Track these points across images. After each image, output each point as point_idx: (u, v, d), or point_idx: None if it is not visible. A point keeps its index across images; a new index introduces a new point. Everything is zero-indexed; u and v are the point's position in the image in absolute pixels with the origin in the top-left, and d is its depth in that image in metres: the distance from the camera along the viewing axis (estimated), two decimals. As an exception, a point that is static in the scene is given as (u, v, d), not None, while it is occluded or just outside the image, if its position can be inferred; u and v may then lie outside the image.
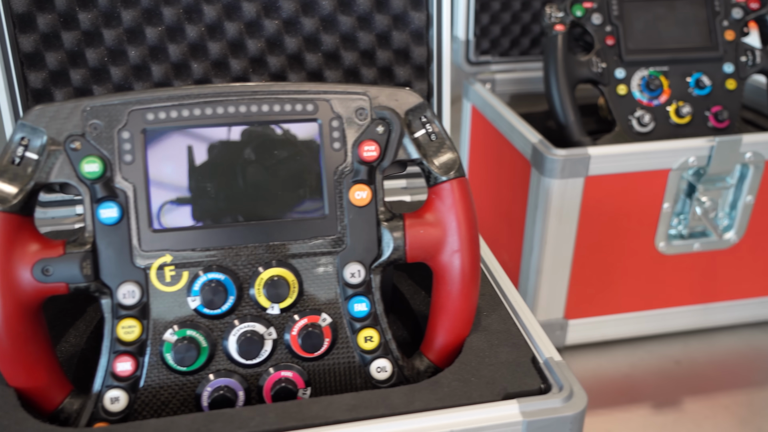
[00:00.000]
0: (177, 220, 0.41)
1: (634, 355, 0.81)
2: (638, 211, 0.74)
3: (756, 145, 0.73)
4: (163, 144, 0.41)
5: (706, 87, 0.79)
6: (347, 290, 0.43)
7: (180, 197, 0.41)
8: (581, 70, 0.78)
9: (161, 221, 0.41)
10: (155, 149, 0.41)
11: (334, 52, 0.63)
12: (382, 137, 0.43)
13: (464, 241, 0.43)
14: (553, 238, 0.73)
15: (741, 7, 0.81)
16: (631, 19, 0.80)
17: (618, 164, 0.71)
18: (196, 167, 0.41)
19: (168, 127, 0.41)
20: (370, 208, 0.43)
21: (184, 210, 0.41)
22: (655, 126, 0.79)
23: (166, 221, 0.41)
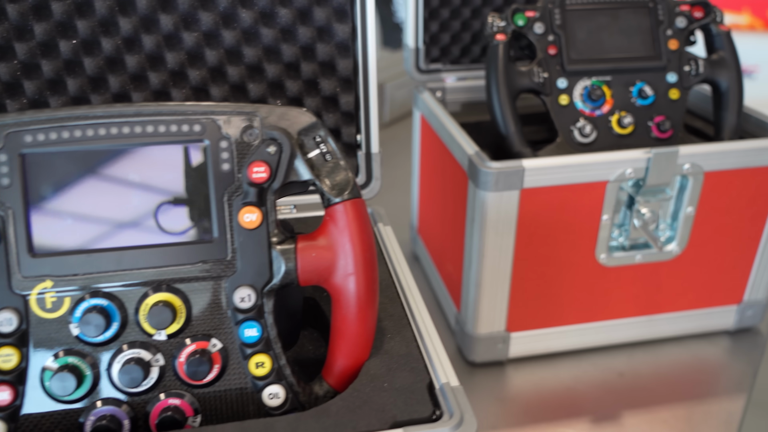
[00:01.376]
0: (58, 244, 0.40)
1: (578, 368, 0.80)
2: (577, 223, 0.73)
3: (694, 157, 0.72)
4: (42, 167, 0.40)
5: (649, 97, 0.79)
6: (237, 315, 0.42)
7: (61, 221, 0.40)
8: (522, 80, 0.78)
9: (41, 246, 0.40)
10: (34, 172, 0.40)
11: (257, 65, 0.62)
12: (273, 158, 0.42)
13: (359, 264, 0.42)
14: (491, 251, 0.72)
15: (685, 16, 0.80)
16: (573, 29, 0.79)
17: (553, 176, 0.70)
18: (77, 190, 0.40)
19: (47, 149, 0.40)
20: (261, 231, 0.42)
21: (65, 234, 0.40)
22: (597, 136, 0.78)
23: (47, 246, 0.40)
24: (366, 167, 0.65)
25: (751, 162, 0.74)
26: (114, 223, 0.41)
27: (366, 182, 0.66)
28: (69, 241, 0.40)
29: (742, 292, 0.83)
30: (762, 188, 0.76)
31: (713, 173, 0.73)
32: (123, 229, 0.41)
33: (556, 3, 0.79)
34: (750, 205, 0.77)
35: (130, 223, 0.41)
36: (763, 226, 0.78)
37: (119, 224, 0.41)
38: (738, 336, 0.85)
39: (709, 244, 0.78)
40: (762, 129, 0.81)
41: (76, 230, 0.40)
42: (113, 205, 0.41)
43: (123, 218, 0.41)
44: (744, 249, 0.80)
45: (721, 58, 0.80)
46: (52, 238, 0.40)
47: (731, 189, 0.75)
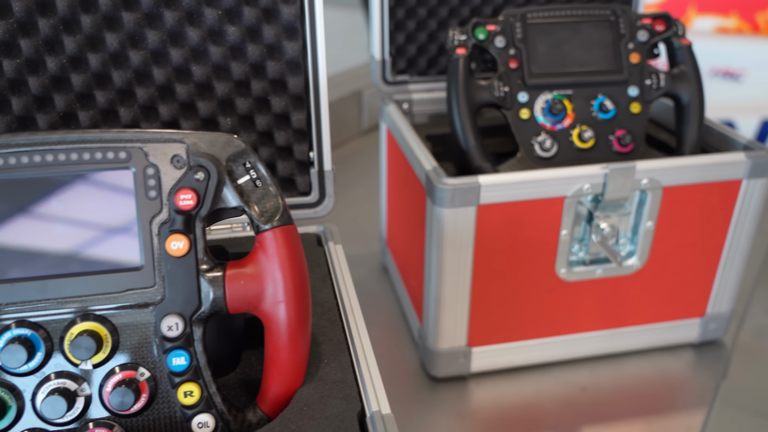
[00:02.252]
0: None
1: (540, 382, 0.80)
2: (536, 238, 0.73)
3: (651, 172, 0.72)
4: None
5: (610, 111, 0.78)
6: (165, 344, 0.42)
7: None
8: (482, 94, 0.77)
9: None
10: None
11: (206, 83, 0.61)
12: (200, 185, 0.41)
13: (288, 291, 0.42)
14: (449, 266, 0.72)
15: (647, 30, 0.80)
16: (534, 42, 0.79)
17: (510, 192, 0.70)
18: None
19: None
20: (189, 259, 0.42)
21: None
22: (557, 150, 0.78)
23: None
24: (319, 185, 0.65)
25: (709, 177, 0.73)
26: (38, 252, 0.40)
27: (319, 200, 0.65)
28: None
29: (704, 306, 0.83)
30: (722, 202, 0.76)
31: (672, 188, 0.73)
32: (47, 257, 0.40)
33: (517, 17, 0.79)
34: (710, 219, 0.77)
35: (55, 252, 0.40)
36: (724, 240, 0.78)
37: (43, 253, 0.40)
38: (702, 349, 0.85)
39: (671, 258, 0.78)
40: (724, 143, 0.81)
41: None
42: (37, 234, 0.40)
43: (47, 246, 0.40)
44: (705, 262, 0.80)
45: (683, 72, 0.79)
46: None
47: (691, 203, 0.75)
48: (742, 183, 0.75)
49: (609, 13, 0.80)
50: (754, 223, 0.78)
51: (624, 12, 0.80)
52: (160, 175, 0.41)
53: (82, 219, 0.41)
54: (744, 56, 3.19)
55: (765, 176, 0.75)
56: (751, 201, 0.76)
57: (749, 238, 0.78)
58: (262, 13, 0.60)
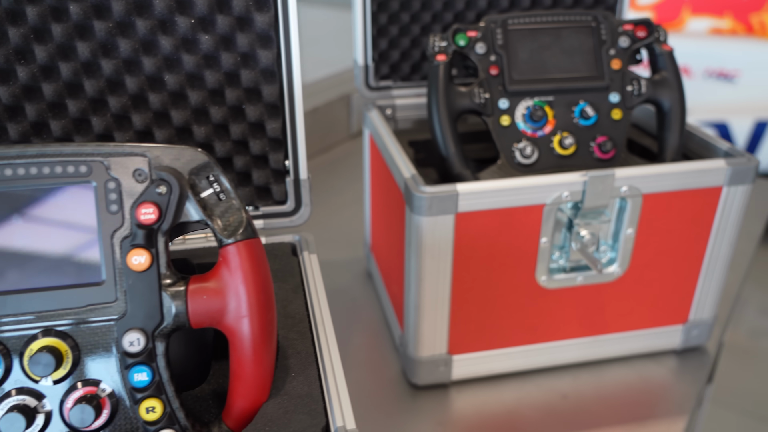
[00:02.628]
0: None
1: (521, 390, 0.80)
2: (516, 246, 0.73)
3: (631, 179, 0.71)
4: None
5: (591, 117, 0.78)
6: (127, 359, 0.41)
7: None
8: (462, 101, 0.77)
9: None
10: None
11: (179, 92, 0.61)
12: (162, 199, 0.41)
13: (252, 306, 0.42)
14: (428, 274, 0.72)
15: (628, 36, 0.80)
16: (515, 49, 0.78)
17: (488, 200, 0.69)
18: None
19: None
20: (151, 273, 0.41)
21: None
22: (538, 157, 0.78)
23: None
24: (295, 193, 0.64)
25: (689, 184, 0.73)
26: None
27: (295, 209, 0.65)
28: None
29: (687, 312, 0.82)
30: (703, 209, 0.75)
31: (652, 195, 0.73)
32: (7, 272, 0.40)
33: (498, 23, 0.78)
34: (691, 226, 0.76)
35: (15, 266, 0.40)
36: (705, 246, 0.78)
37: (3, 268, 0.40)
38: (685, 355, 0.85)
39: (652, 265, 0.78)
40: (705, 149, 0.81)
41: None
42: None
43: (7, 261, 0.40)
44: (687, 269, 0.79)
45: (664, 79, 0.79)
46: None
47: (671, 210, 0.75)
48: (723, 190, 0.74)
49: (590, 19, 0.80)
50: (735, 230, 0.77)
51: (605, 18, 0.80)
52: (122, 189, 0.41)
53: (42, 233, 0.40)
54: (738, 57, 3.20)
55: (745, 183, 0.74)
56: (731, 208, 0.76)
57: (730, 244, 0.78)
58: (236, 21, 0.60)
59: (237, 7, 0.59)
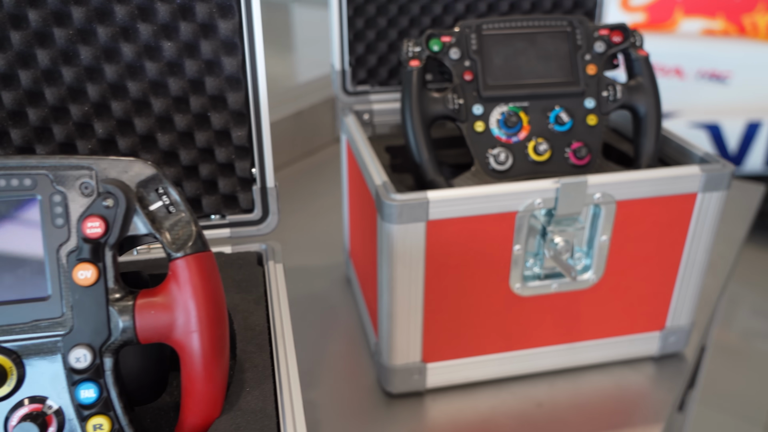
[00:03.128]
0: None
1: (497, 398, 0.79)
2: (489, 253, 0.72)
3: (604, 186, 0.71)
4: None
5: (566, 123, 0.77)
6: (73, 375, 0.41)
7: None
8: (436, 107, 0.76)
9: None
10: None
11: (142, 100, 0.60)
12: (110, 212, 0.40)
13: (202, 321, 0.41)
14: (400, 282, 0.71)
15: (604, 41, 0.79)
16: (490, 54, 0.78)
17: (460, 208, 0.69)
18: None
19: None
20: (98, 288, 0.40)
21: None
22: (512, 164, 0.77)
23: None
24: (262, 202, 0.64)
25: (664, 190, 0.73)
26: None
27: (262, 217, 0.64)
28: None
29: (664, 319, 0.82)
30: (677, 216, 0.75)
31: (626, 202, 0.72)
32: (-51, 288, 0.39)
33: (473, 28, 0.78)
34: (667, 233, 0.76)
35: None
36: (681, 253, 0.77)
37: (-55, 283, 0.39)
38: (662, 362, 0.84)
39: (627, 271, 0.77)
40: (681, 154, 0.81)
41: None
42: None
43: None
44: (663, 276, 0.79)
45: (639, 84, 0.79)
46: None
47: (646, 217, 0.74)
48: (698, 196, 0.74)
49: (565, 24, 0.79)
50: (710, 236, 0.77)
51: (581, 23, 0.79)
52: (68, 203, 0.40)
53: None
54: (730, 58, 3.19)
55: (720, 189, 0.74)
56: (707, 214, 0.75)
57: (707, 250, 0.78)
58: (200, 28, 0.59)
59: (200, 13, 0.58)
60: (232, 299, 0.55)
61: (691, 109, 3.12)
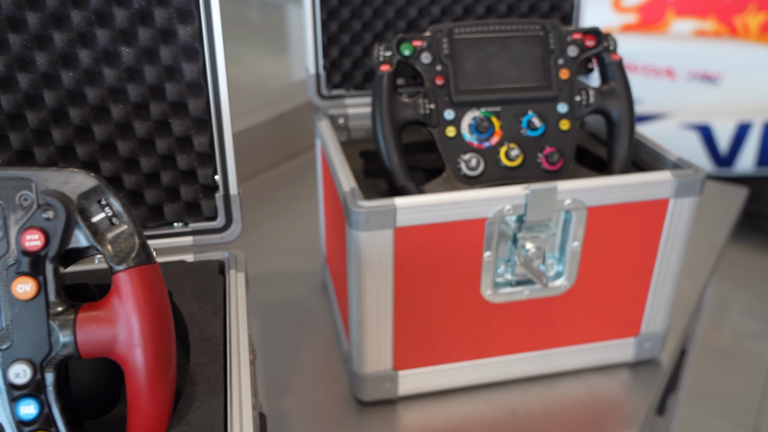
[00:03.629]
0: None
1: (470, 405, 0.78)
2: (459, 260, 0.71)
3: (574, 192, 0.70)
4: None
5: (539, 128, 0.77)
6: (13, 391, 0.40)
7: None
8: (406, 112, 0.75)
9: None
10: None
11: (101, 106, 0.59)
12: (50, 225, 0.39)
13: (145, 335, 0.40)
14: (369, 290, 0.70)
15: (576, 45, 0.78)
16: (462, 58, 0.77)
17: (428, 215, 0.68)
18: None
19: None
20: (38, 302, 0.40)
21: None
22: (484, 169, 0.76)
23: None
24: (225, 209, 0.63)
25: (635, 196, 0.72)
26: None
27: (225, 225, 0.63)
28: None
29: (638, 325, 0.81)
30: (650, 222, 0.74)
31: (597, 208, 0.72)
32: None
33: (444, 32, 0.77)
34: (639, 238, 0.75)
35: None
36: (654, 259, 0.77)
37: None
38: (637, 368, 0.84)
39: (600, 277, 0.76)
40: (656, 159, 0.80)
41: None
42: None
43: None
44: (637, 282, 0.78)
45: (612, 89, 0.78)
46: None
47: (617, 223, 0.73)
48: (670, 202, 0.73)
49: (538, 29, 0.78)
50: (683, 242, 0.76)
51: (554, 27, 0.78)
52: (6, 215, 0.39)
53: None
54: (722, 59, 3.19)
55: (692, 195, 0.73)
56: (679, 220, 0.75)
57: (680, 256, 0.77)
58: (159, 33, 0.58)
59: (159, 19, 0.57)
60: (190, 309, 0.54)
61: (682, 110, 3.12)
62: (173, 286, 0.57)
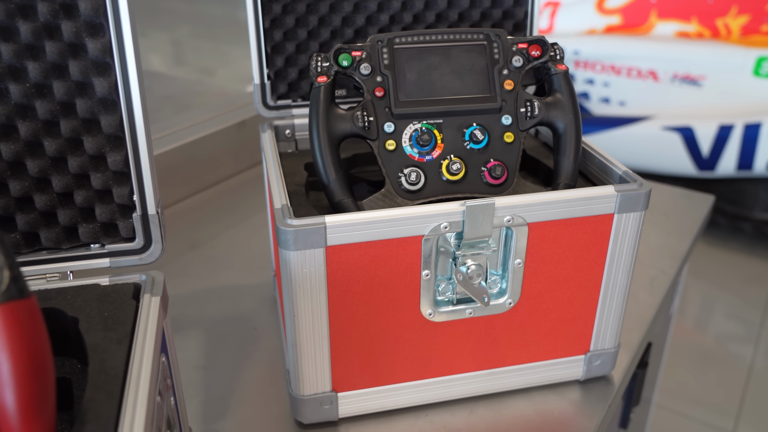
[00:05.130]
0: None
1: (413, 426, 0.76)
2: (397, 279, 0.69)
3: (514, 209, 0.68)
4: None
5: (482, 141, 0.74)
6: None
7: None
8: (344, 125, 0.73)
9: None
10: None
11: (7, 124, 0.56)
12: None
13: (16, 376, 0.37)
14: (303, 311, 0.68)
15: (521, 55, 0.76)
16: (402, 69, 0.74)
17: (361, 233, 0.65)
18: None
19: None
20: None
21: None
22: (425, 183, 0.74)
23: None
24: (143, 230, 0.60)
25: (578, 212, 0.70)
26: None
27: (144, 246, 0.61)
28: None
29: (588, 342, 0.79)
30: (594, 237, 0.72)
31: (539, 224, 0.70)
32: None
33: (384, 42, 0.75)
34: (584, 254, 0.73)
35: None
36: (601, 275, 0.75)
37: None
38: (588, 386, 0.82)
39: (545, 294, 0.74)
40: (603, 171, 0.78)
41: None
42: None
43: None
44: (584, 298, 0.76)
45: (558, 100, 0.76)
46: None
47: (561, 239, 0.71)
48: (614, 217, 0.71)
49: (482, 38, 0.76)
50: (630, 258, 0.74)
51: (498, 36, 0.76)
52: None
53: None
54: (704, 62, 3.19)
55: (637, 210, 0.71)
56: (625, 235, 0.72)
57: (627, 272, 0.75)
58: (67, 47, 0.55)
59: (67, 32, 0.55)
60: (94, 338, 0.51)
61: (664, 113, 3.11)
62: (82, 312, 0.54)
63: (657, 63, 3.06)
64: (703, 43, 3.21)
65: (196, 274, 1.05)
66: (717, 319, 2.65)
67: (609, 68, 3.20)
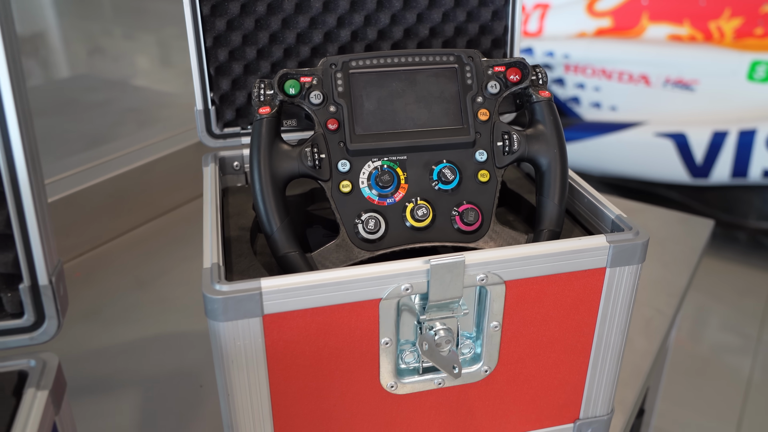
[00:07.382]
0: None
1: None
2: (350, 348, 0.58)
3: (487, 266, 0.57)
4: None
5: (452, 180, 0.64)
6: None
7: None
8: (290, 164, 0.62)
9: None
10: None
11: None
12: None
13: None
14: (238, 389, 0.57)
15: (498, 80, 0.66)
16: (360, 97, 0.64)
17: (305, 298, 0.55)
18: None
19: None
20: None
21: None
22: (386, 231, 0.63)
23: None
24: (34, 304, 0.49)
25: (563, 267, 0.59)
26: None
27: (36, 323, 0.50)
28: None
29: (577, 410, 0.69)
30: (583, 294, 0.62)
31: (518, 281, 0.59)
32: None
33: (338, 65, 0.64)
34: (572, 314, 0.63)
35: None
36: (591, 336, 0.64)
37: None
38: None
39: (527, 360, 0.64)
40: (594, 214, 0.68)
41: None
42: None
43: None
44: (572, 361, 0.66)
45: (540, 133, 0.65)
46: None
47: (544, 298, 0.61)
48: (606, 272, 0.61)
49: (453, 60, 0.66)
50: (625, 316, 0.64)
51: (471, 58, 0.66)
52: None
53: None
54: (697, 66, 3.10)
55: (632, 263, 0.61)
56: (619, 292, 0.62)
57: (622, 332, 0.65)
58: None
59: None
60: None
61: (657, 118, 3.02)
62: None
63: (649, 67, 2.97)
64: (696, 46, 3.12)
65: (141, 318, 0.94)
66: (712, 331, 2.56)
67: (600, 72, 3.11)
